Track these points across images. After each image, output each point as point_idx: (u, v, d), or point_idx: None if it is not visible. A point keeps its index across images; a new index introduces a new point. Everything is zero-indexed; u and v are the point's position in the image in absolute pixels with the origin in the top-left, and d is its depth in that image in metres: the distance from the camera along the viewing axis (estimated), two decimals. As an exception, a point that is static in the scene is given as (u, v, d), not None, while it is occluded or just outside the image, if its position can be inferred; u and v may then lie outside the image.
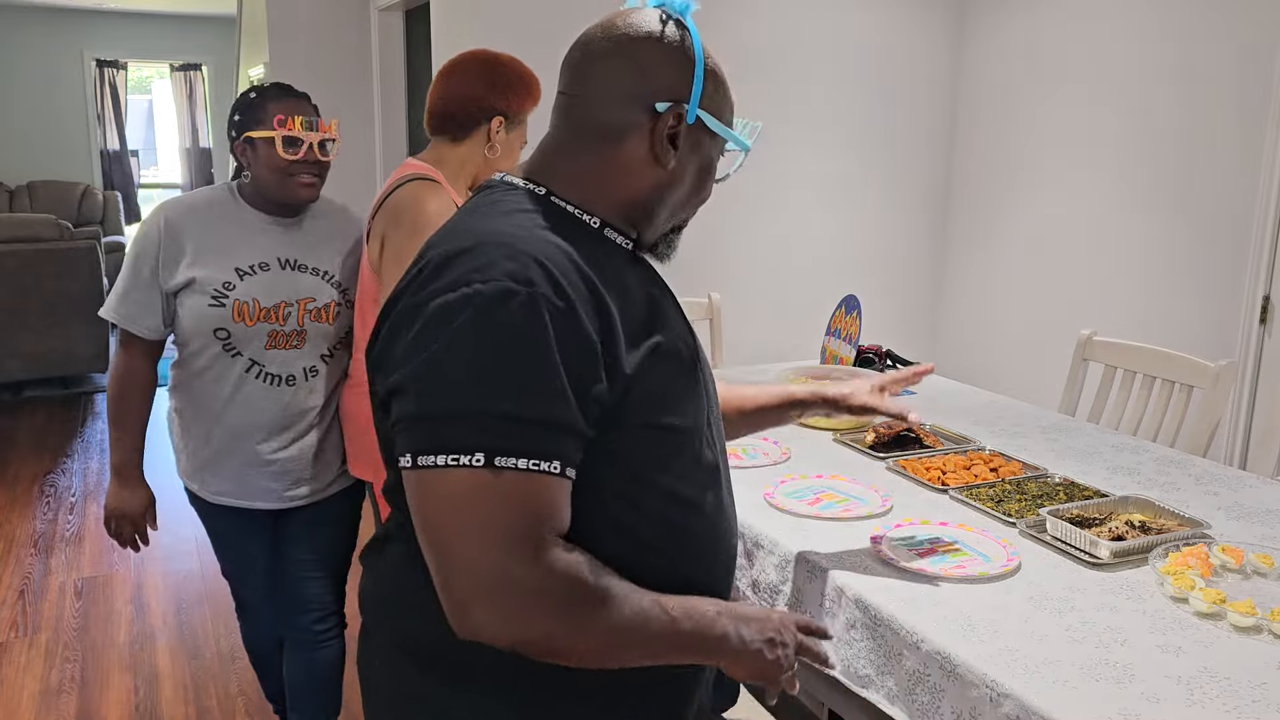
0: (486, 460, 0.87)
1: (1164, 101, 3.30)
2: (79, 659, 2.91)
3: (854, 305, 2.71)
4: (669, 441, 1.02)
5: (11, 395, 5.68)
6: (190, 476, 2.00)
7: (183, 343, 1.91)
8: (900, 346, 4.00)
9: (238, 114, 1.87)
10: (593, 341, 0.93)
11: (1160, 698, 1.15)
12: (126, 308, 1.86)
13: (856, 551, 1.55)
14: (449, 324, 0.89)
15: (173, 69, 8.75)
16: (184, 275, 1.83)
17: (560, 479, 0.91)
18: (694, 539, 1.06)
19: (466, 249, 0.94)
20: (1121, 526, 1.58)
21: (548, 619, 0.90)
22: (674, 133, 1.03)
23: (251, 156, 1.86)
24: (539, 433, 0.89)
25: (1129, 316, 3.46)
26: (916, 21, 3.98)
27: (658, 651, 0.97)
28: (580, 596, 0.91)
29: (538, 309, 0.89)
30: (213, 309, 1.84)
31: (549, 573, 0.89)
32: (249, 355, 1.89)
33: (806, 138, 3.84)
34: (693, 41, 1.04)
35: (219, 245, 1.86)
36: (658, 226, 1.10)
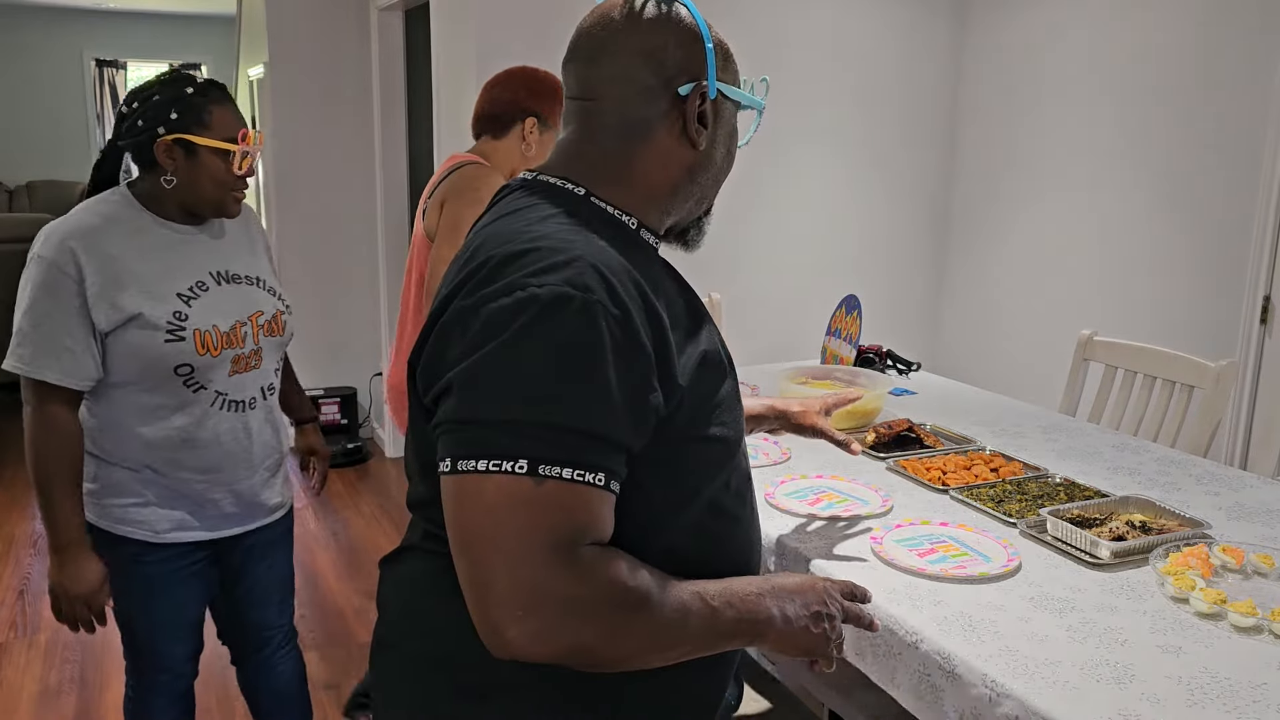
0: (530, 468, 0.85)
1: (1164, 101, 3.30)
2: (78, 659, 2.90)
3: (854, 305, 2.71)
4: (716, 452, 1.01)
5: (11, 395, 5.67)
6: (121, 520, 1.72)
7: (120, 383, 1.65)
8: (900, 346, 4.00)
9: (173, 109, 1.62)
10: (648, 351, 0.91)
11: (1160, 698, 1.15)
12: (57, 359, 1.57)
13: (856, 551, 1.55)
14: (503, 328, 0.87)
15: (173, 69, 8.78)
16: (126, 310, 1.59)
17: (604, 492, 0.88)
18: (731, 549, 1.05)
19: (521, 252, 0.91)
20: (1122, 527, 1.58)
21: (586, 629, 0.86)
22: (701, 111, 1.03)
23: (185, 162, 1.63)
24: (586, 443, 0.86)
25: (1129, 316, 3.46)
26: (917, 22, 3.98)
27: (703, 643, 0.96)
28: (619, 601, 0.88)
29: (594, 316, 0.87)
30: (172, 344, 1.62)
31: (586, 581, 0.86)
32: (214, 387, 1.70)
33: (807, 138, 3.84)
34: (693, 15, 1.03)
35: (148, 269, 1.63)
36: (689, 211, 1.09)
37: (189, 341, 1.64)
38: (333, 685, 2.74)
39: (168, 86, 1.65)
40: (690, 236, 1.12)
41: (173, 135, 1.62)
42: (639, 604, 0.89)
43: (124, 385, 1.66)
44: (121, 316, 1.60)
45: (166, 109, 1.62)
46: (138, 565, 1.75)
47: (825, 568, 1.50)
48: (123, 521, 1.72)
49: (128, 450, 1.69)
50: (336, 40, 4.64)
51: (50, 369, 1.59)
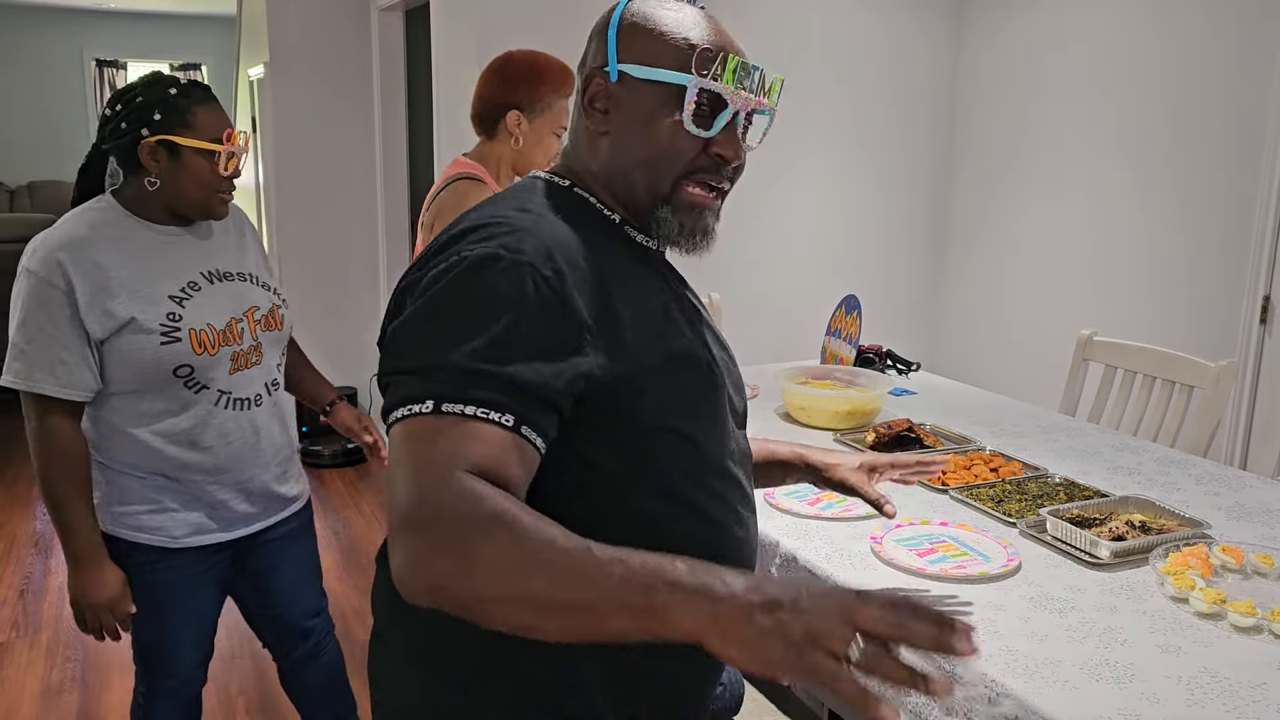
0: (435, 407, 0.85)
1: (1164, 101, 3.30)
2: (79, 659, 2.91)
3: (854, 305, 2.71)
4: (685, 448, 1.01)
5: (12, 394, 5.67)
6: (131, 527, 1.71)
7: (119, 391, 1.64)
8: (900, 346, 4.00)
9: (156, 111, 1.60)
10: (578, 315, 0.92)
11: (1160, 698, 1.15)
12: (53, 372, 1.57)
13: (857, 552, 1.56)
14: (432, 288, 0.92)
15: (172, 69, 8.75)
16: (119, 316, 1.58)
17: (510, 433, 0.86)
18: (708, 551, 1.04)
19: (471, 228, 0.96)
20: (1122, 526, 1.58)
21: (443, 551, 0.78)
22: (593, 96, 1.05)
23: (169, 164, 1.62)
24: (493, 384, 0.86)
25: (1129, 316, 3.46)
26: (916, 21, 3.98)
27: (580, 602, 0.76)
28: (476, 518, 0.78)
29: (520, 274, 0.90)
30: (168, 346, 1.61)
31: (449, 493, 0.80)
32: (216, 387, 1.68)
33: (806, 137, 3.84)
34: (616, 9, 1.06)
35: (136, 274, 1.61)
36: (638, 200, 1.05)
37: (185, 342, 1.63)
38: (333, 685, 2.74)
39: (151, 88, 1.63)
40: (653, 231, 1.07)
41: (156, 136, 1.60)
42: (497, 527, 0.78)
43: (124, 392, 1.65)
44: (115, 323, 1.59)
45: (150, 110, 1.61)
46: (150, 572, 1.73)
47: (825, 568, 1.50)
48: (137, 529, 1.70)
49: (134, 456, 1.68)
50: (337, 40, 4.65)
51: (46, 382, 1.58)
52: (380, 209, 4.77)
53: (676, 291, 1.10)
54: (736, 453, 1.10)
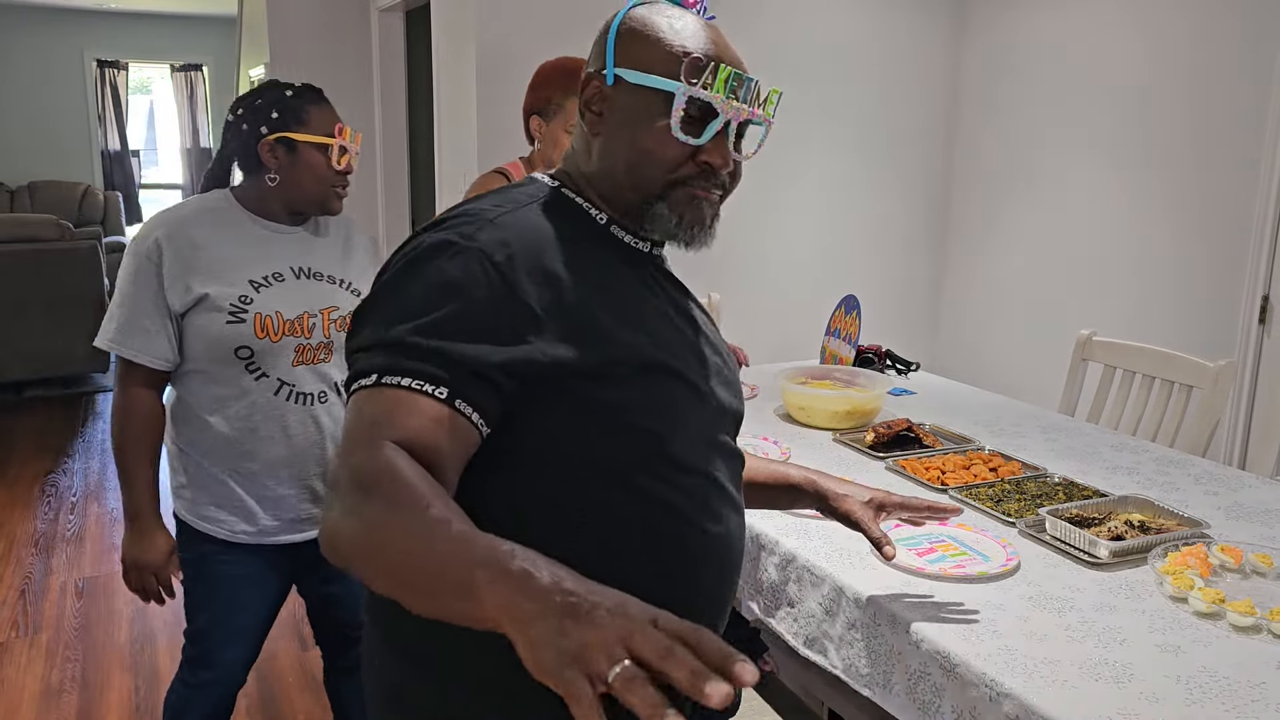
0: (376, 380, 0.90)
1: (1163, 101, 3.30)
2: (80, 659, 2.91)
3: (854, 305, 2.71)
4: (640, 441, 1.00)
5: (12, 395, 5.68)
6: (203, 517, 1.78)
7: (195, 370, 1.73)
8: (900, 346, 4.01)
9: (273, 110, 1.70)
10: (525, 304, 0.94)
11: (1159, 697, 1.15)
12: (132, 337, 1.68)
13: (856, 552, 1.56)
14: (390, 269, 0.98)
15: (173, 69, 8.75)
16: (195, 292, 1.67)
17: (443, 405, 0.88)
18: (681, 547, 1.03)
19: (439, 219, 1.01)
20: (1121, 526, 1.59)
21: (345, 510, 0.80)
22: (590, 99, 1.07)
23: (286, 159, 1.71)
24: (428, 356, 0.90)
25: (1128, 316, 3.46)
26: (916, 21, 3.98)
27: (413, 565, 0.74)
28: (372, 481, 0.80)
29: (470, 260, 0.94)
30: (232, 326, 1.68)
31: (368, 458, 0.82)
32: (276, 375, 1.72)
33: (806, 138, 3.85)
34: (623, 10, 1.08)
35: (227, 257, 1.70)
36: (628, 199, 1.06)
37: (249, 324, 1.69)
38: (334, 685, 2.75)
39: (268, 91, 1.74)
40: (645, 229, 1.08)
41: (275, 134, 1.71)
42: (381, 486, 0.79)
43: (197, 372, 1.73)
44: (191, 298, 1.68)
45: (268, 110, 1.72)
46: (214, 563, 1.80)
47: (825, 568, 1.50)
48: (204, 519, 1.78)
49: (206, 443, 1.75)
50: (337, 41, 4.65)
51: (128, 346, 1.69)
52: (380, 209, 4.77)
53: (668, 294, 1.10)
54: (715, 453, 1.10)
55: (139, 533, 1.74)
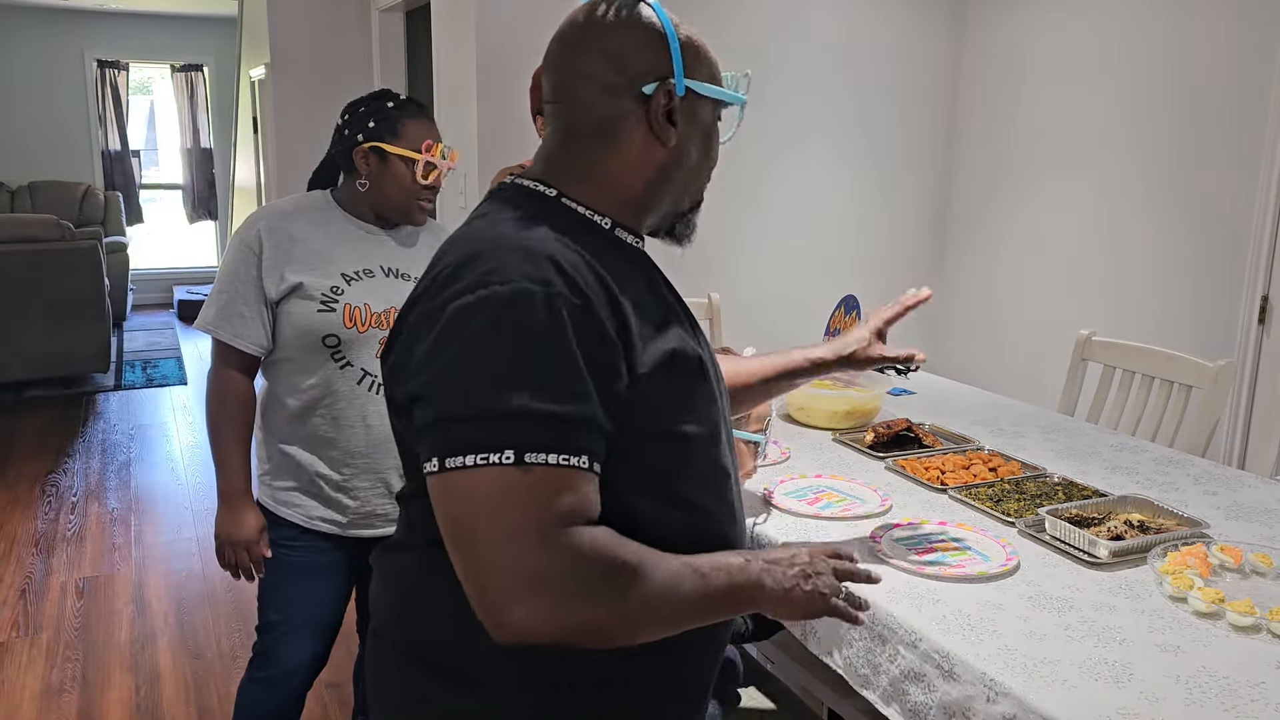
0: (516, 457, 0.86)
1: (1164, 101, 3.30)
2: (80, 658, 2.91)
3: (854, 305, 2.71)
4: (682, 447, 1.02)
5: (12, 395, 5.68)
6: (282, 502, 1.85)
7: (284, 357, 1.80)
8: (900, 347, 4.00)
9: (371, 120, 1.79)
10: (612, 339, 0.93)
11: (1159, 697, 1.15)
12: (230, 322, 1.76)
13: (856, 551, 1.56)
14: (468, 326, 0.89)
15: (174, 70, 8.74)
16: (289, 281, 1.75)
17: (588, 473, 0.91)
18: (704, 541, 1.05)
19: (481, 253, 0.94)
20: (1120, 526, 1.59)
21: (587, 602, 0.88)
22: (669, 109, 1.03)
23: (377, 167, 1.80)
24: (565, 428, 0.88)
25: (1128, 316, 3.46)
26: (916, 21, 3.98)
27: (698, 610, 0.97)
28: (614, 571, 0.90)
29: (555, 307, 0.90)
30: (322, 314, 1.76)
31: (581, 556, 0.88)
32: (360, 365, 1.79)
33: (806, 138, 3.85)
34: (658, 15, 1.04)
35: (322, 250, 1.79)
36: (669, 208, 1.10)
37: (338, 314, 1.76)
38: (334, 684, 2.75)
39: (373, 101, 1.83)
40: (679, 232, 1.12)
41: (369, 143, 1.79)
42: (632, 574, 0.91)
43: (285, 360, 1.80)
44: (286, 287, 1.76)
45: (367, 119, 1.80)
46: (287, 550, 1.86)
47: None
48: (283, 504, 1.85)
49: (289, 429, 1.82)
50: (337, 41, 4.65)
51: (224, 329, 1.77)
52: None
53: (668, 288, 1.11)
54: (727, 445, 1.11)
55: (232, 510, 1.82)
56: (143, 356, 6.75)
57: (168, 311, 8.45)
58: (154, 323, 8.00)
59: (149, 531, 3.82)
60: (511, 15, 3.32)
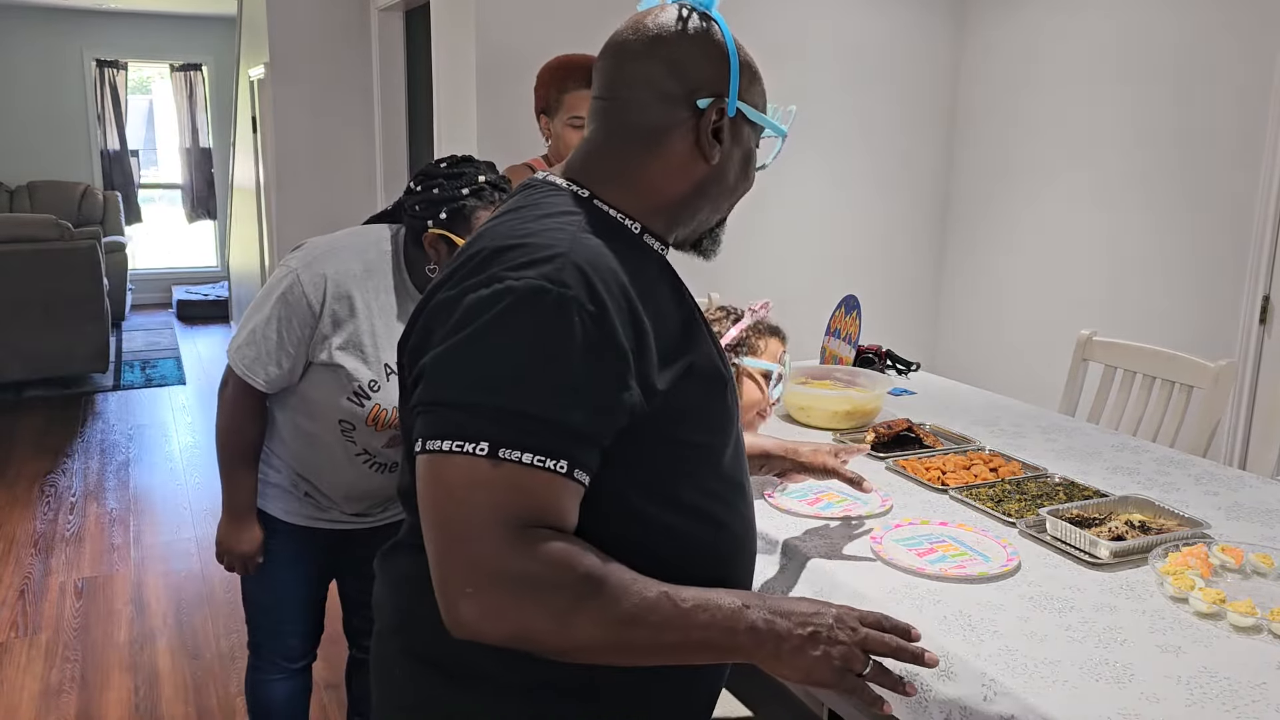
0: (490, 450, 0.87)
1: (1164, 101, 3.30)
2: (79, 659, 2.91)
3: (854, 305, 2.71)
4: (693, 456, 1.01)
5: (12, 395, 5.67)
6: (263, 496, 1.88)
7: (295, 401, 1.79)
8: (900, 346, 4.00)
9: (445, 210, 1.68)
10: (623, 350, 0.92)
11: (1160, 697, 1.15)
12: (266, 369, 1.71)
13: (856, 551, 1.55)
14: (479, 316, 0.90)
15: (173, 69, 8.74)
16: (334, 359, 1.70)
17: (565, 479, 0.89)
18: (714, 552, 1.05)
19: (507, 248, 0.94)
20: (1121, 526, 1.58)
21: (537, 609, 0.87)
22: (718, 127, 1.04)
23: (446, 256, 1.70)
24: (549, 431, 0.88)
25: (1129, 316, 3.46)
26: (916, 20, 3.98)
27: (669, 647, 0.92)
28: (571, 585, 0.88)
29: (567, 310, 0.89)
30: (349, 405, 1.73)
31: (538, 561, 0.87)
32: (363, 446, 1.79)
33: (806, 138, 3.84)
34: (723, 34, 1.04)
35: (374, 330, 1.72)
36: (700, 223, 1.10)
37: (365, 410, 1.74)
38: (333, 685, 2.75)
39: (449, 180, 1.71)
40: (705, 247, 1.14)
41: (439, 230, 1.69)
42: (592, 590, 0.88)
43: (296, 400, 1.78)
44: (326, 359, 1.70)
45: (440, 206, 1.70)
46: (266, 539, 1.87)
47: (826, 567, 1.50)
48: (260, 495, 1.86)
49: (275, 443, 1.85)
50: (337, 40, 4.65)
51: (258, 375, 1.72)
52: (380, 209, 4.77)
53: (685, 296, 1.11)
54: (740, 454, 1.11)
55: (236, 524, 1.84)
56: (142, 356, 6.74)
57: (167, 311, 8.45)
58: (153, 323, 7.99)
59: (148, 532, 3.82)
60: (511, 15, 3.32)
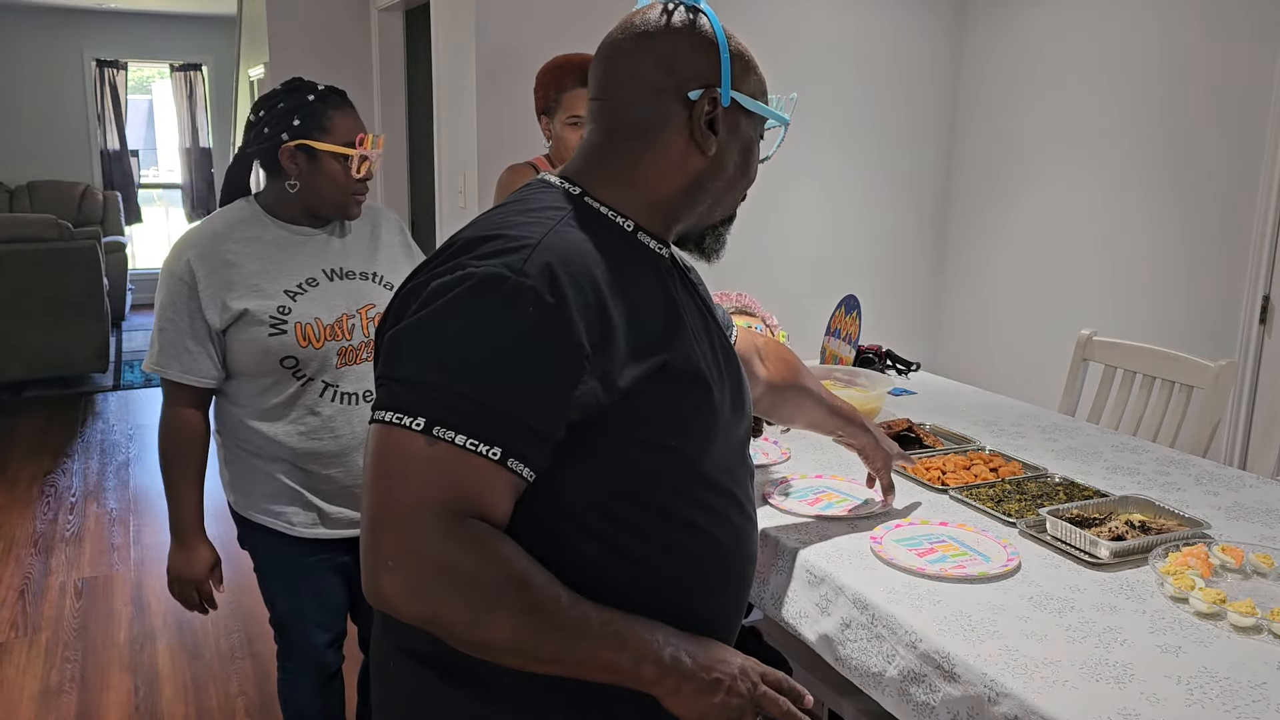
0: (426, 427, 0.88)
1: (1164, 101, 3.30)
2: (79, 659, 2.91)
3: (854, 305, 2.71)
4: (667, 459, 1.01)
5: (11, 395, 5.67)
6: (264, 511, 1.83)
7: (242, 380, 1.76)
8: (900, 346, 4.00)
9: (295, 116, 1.69)
10: (578, 344, 0.92)
11: (1160, 698, 1.15)
12: (179, 359, 1.70)
13: (856, 552, 1.55)
14: (437, 298, 0.92)
15: (173, 69, 8.74)
16: (233, 309, 1.68)
17: (498, 467, 0.90)
18: (698, 560, 1.04)
19: (482, 238, 0.96)
20: (1121, 526, 1.58)
21: (455, 600, 0.88)
22: (711, 117, 1.04)
23: (306, 166, 1.71)
24: (486, 415, 0.89)
25: (1129, 316, 3.46)
26: (917, 20, 3.98)
27: (577, 662, 0.93)
28: (492, 581, 0.88)
29: (522, 299, 0.90)
30: (275, 337, 1.70)
31: (464, 551, 0.88)
32: (322, 379, 1.75)
33: (806, 137, 3.84)
34: (713, 25, 1.05)
35: (259, 269, 1.71)
36: (700, 217, 1.10)
37: (290, 334, 1.70)
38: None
39: (291, 95, 1.72)
40: (707, 245, 1.13)
41: (295, 141, 1.69)
42: (512, 592, 0.89)
43: (242, 383, 1.75)
44: (230, 315, 1.69)
45: (290, 116, 1.70)
46: (276, 555, 1.85)
47: (826, 567, 1.50)
48: (261, 512, 1.82)
49: (256, 444, 1.78)
50: (337, 40, 4.65)
51: (172, 367, 1.71)
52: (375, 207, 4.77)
53: (694, 301, 1.10)
54: (738, 467, 1.10)
55: (184, 548, 1.79)
56: (141, 356, 6.75)
57: (167, 311, 8.44)
58: (152, 323, 7.99)
59: (147, 532, 3.82)
60: (511, 15, 3.32)
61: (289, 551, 1.84)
